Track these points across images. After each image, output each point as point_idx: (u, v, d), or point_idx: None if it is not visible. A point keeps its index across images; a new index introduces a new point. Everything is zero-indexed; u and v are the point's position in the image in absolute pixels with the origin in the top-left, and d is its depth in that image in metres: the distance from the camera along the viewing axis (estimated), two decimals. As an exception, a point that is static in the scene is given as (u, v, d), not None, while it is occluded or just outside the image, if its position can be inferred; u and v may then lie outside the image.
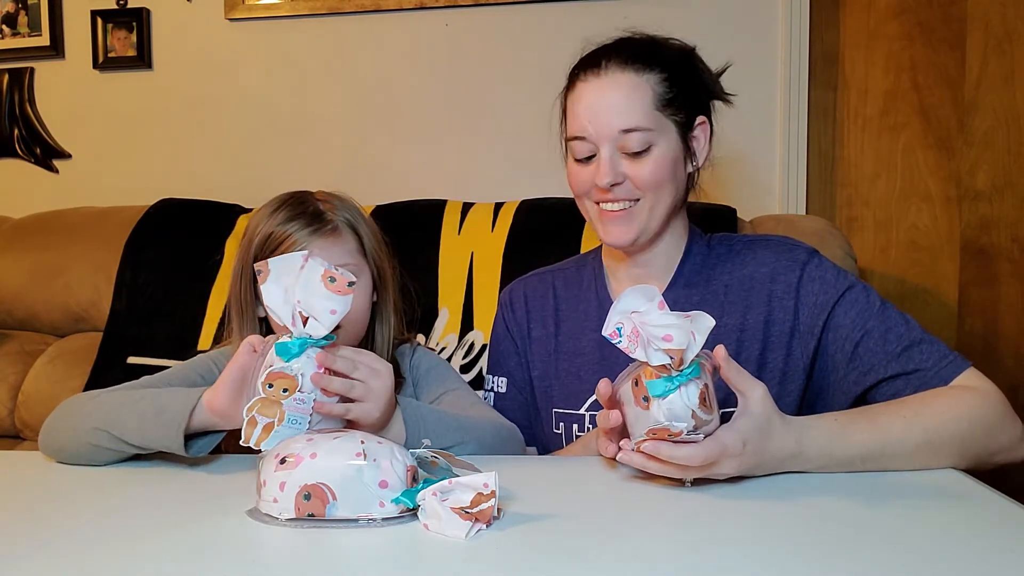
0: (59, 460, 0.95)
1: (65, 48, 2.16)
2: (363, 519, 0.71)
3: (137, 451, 0.91)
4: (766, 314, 1.04)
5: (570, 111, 1.05)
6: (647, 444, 0.76)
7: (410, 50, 2.01)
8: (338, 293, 0.81)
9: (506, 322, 1.20)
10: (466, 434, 0.96)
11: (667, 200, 1.04)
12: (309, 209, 1.04)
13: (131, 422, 0.89)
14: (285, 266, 0.82)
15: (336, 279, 0.81)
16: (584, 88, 1.03)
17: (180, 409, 0.86)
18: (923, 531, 0.68)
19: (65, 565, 0.64)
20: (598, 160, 1.02)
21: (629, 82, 1.01)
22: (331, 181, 2.00)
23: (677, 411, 0.74)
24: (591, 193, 1.05)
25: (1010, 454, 0.90)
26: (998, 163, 1.91)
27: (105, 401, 0.93)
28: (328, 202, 1.07)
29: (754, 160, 1.90)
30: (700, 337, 0.75)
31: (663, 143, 1.01)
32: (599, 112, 1.01)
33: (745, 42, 1.87)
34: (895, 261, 1.97)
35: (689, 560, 0.63)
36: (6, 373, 1.72)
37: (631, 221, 1.03)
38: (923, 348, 0.95)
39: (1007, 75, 1.89)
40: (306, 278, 0.81)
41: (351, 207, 1.10)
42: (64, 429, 0.94)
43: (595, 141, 1.01)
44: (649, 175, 1.01)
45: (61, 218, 1.87)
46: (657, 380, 0.75)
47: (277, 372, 0.81)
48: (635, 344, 0.76)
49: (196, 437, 0.89)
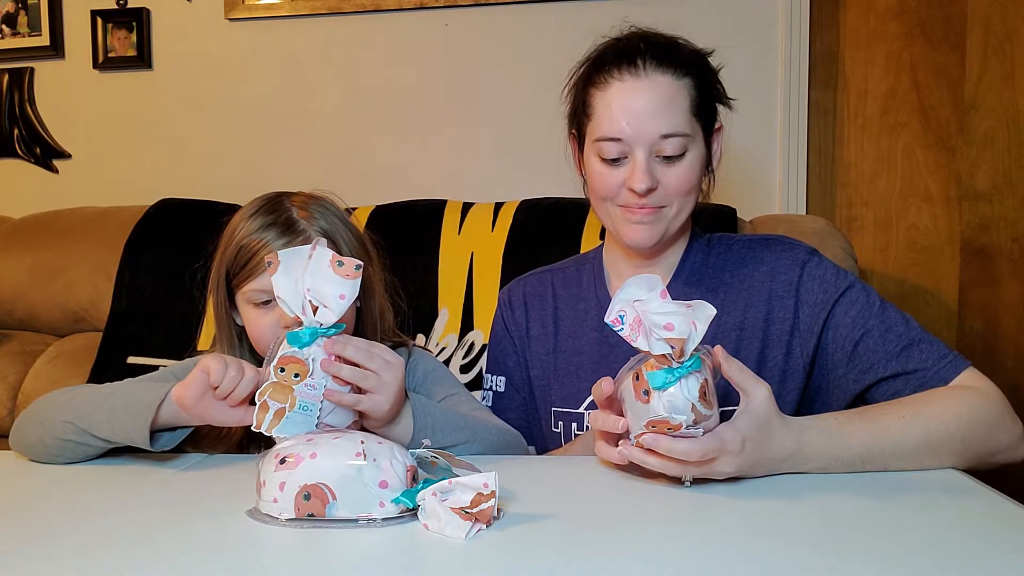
0: (29, 457, 0.95)
1: (65, 48, 2.16)
2: (363, 519, 0.71)
3: (104, 446, 0.90)
4: (766, 313, 1.04)
5: (600, 109, 1.01)
6: (646, 437, 0.76)
7: (410, 50, 2.01)
8: (346, 277, 0.81)
9: (505, 322, 1.20)
10: (473, 434, 0.96)
11: (691, 205, 1.04)
12: (282, 217, 1.01)
13: (99, 414, 0.88)
14: (294, 256, 0.83)
15: (344, 263, 0.82)
16: (621, 88, 0.99)
17: (149, 402, 0.87)
18: (923, 531, 0.67)
19: (65, 565, 0.64)
20: (632, 164, 0.99)
21: (669, 86, 0.98)
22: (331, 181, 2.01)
23: (677, 404, 0.74)
24: (619, 196, 1.02)
25: (1010, 454, 0.90)
26: (998, 163, 1.91)
27: (76, 395, 0.93)
28: (305, 208, 1.03)
29: (754, 160, 1.90)
30: (701, 326, 0.75)
31: (694, 149, 1.01)
32: (639, 115, 0.97)
33: (745, 42, 1.87)
34: (895, 261, 1.97)
35: (689, 560, 0.63)
36: (6, 373, 1.72)
37: (657, 223, 1.02)
38: (922, 347, 0.95)
39: (1007, 75, 1.89)
40: (315, 265, 0.81)
41: (330, 212, 1.06)
42: (33, 425, 0.93)
43: (629, 142, 0.99)
44: (683, 181, 1.00)
45: (61, 218, 1.87)
46: (657, 372, 0.75)
47: (289, 356, 0.82)
48: (636, 332, 0.76)
49: (164, 432, 0.90)
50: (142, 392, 0.89)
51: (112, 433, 0.88)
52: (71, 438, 0.90)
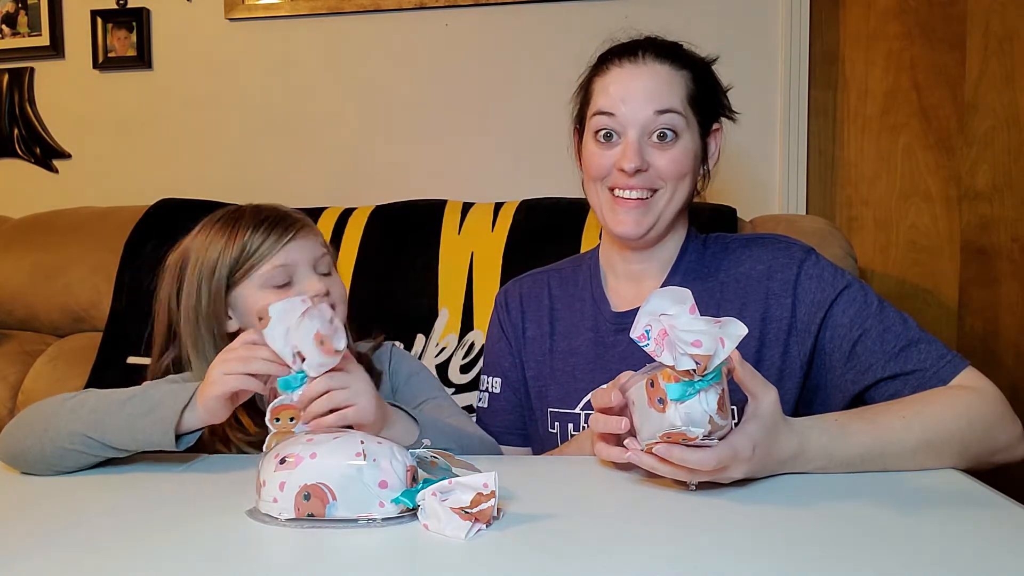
0: (15, 467, 0.93)
1: (65, 48, 2.16)
2: (363, 519, 0.71)
3: (112, 455, 0.90)
4: (763, 312, 1.04)
5: (598, 90, 1.05)
6: (659, 447, 0.75)
7: (410, 50, 2.01)
8: (327, 355, 0.84)
9: (501, 323, 1.20)
10: (456, 443, 0.96)
11: (683, 195, 1.05)
12: (271, 216, 1.04)
13: (116, 422, 0.88)
14: (285, 311, 0.85)
15: (324, 342, 0.84)
16: (619, 71, 1.03)
17: (173, 406, 0.88)
18: (923, 531, 0.67)
19: (65, 565, 0.64)
20: (624, 144, 1.02)
21: (666, 72, 1.03)
22: (331, 181, 2.03)
23: (695, 416, 0.72)
24: (609, 177, 1.04)
25: (1010, 453, 0.90)
26: (998, 163, 1.91)
27: (81, 404, 0.91)
28: (277, 208, 1.07)
29: (754, 160, 1.90)
30: (729, 344, 0.71)
31: (688, 136, 1.03)
32: (635, 93, 1.01)
33: (745, 42, 1.87)
34: (895, 261, 1.97)
35: (689, 560, 0.63)
36: (6, 373, 1.72)
37: (646, 212, 1.03)
38: (921, 347, 0.95)
39: (1007, 75, 1.89)
40: (303, 333, 0.84)
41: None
42: (31, 433, 0.91)
43: (623, 121, 1.01)
44: (674, 164, 1.02)
45: (61, 218, 1.87)
46: (676, 384, 0.72)
47: (279, 406, 0.85)
48: (661, 347, 0.73)
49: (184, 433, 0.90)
50: (162, 396, 0.90)
51: (132, 440, 0.88)
52: (76, 447, 0.89)
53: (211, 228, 1.06)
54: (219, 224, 1.06)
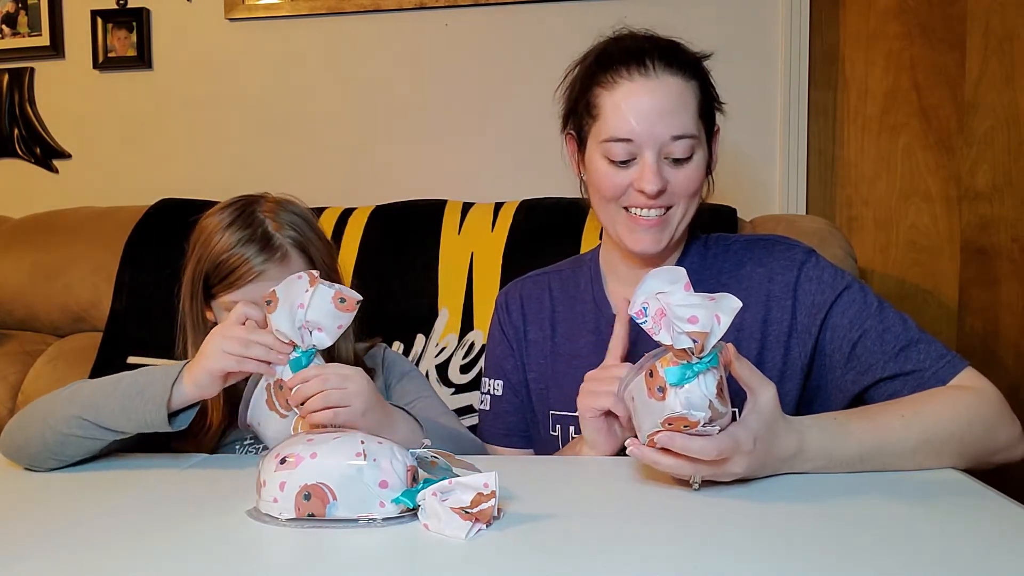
0: (19, 461, 0.94)
1: (65, 48, 2.16)
2: (363, 519, 0.71)
3: (109, 438, 0.91)
4: (764, 313, 1.04)
5: (609, 109, 0.99)
6: (661, 435, 0.74)
7: (410, 50, 2.01)
8: (346, 311, 0.86)
9: (502, 325, 1.20)
10: (454, 444, 0.96)
11: (695, 207, 1.04)
12: (259, 232, 1.04)
13: (110, 403, 0.90)
14: (290, 288, 0.86)
15: (346, 299, 0.86)
16: (630, 86, 0.98)
17: (162, 383, 0.89)
18: (923, 531, 0.68)
19: (64, 565, 0.64)
20: (642, 165, 0.99)
21: (679, 87, 0.98)
22: (331, 180, 2.03)
23: (695, 400, 0.72)
24: (625, 198, 1.02)
25: (1009, 453, 0.90)
26: (998, 163, 1.91)
27: (78, 391, 0.94)
28: (276, 219, 1.06)
29: (754, 160, 1.90)
30: (725, 319, 0.73)
31: (701, 151, 1.01)
32: (649, 115, 0.97)
33: (745, 42, 1.87)
34: (895, 261, 1.97)
35: (689, 560, 0.63)
36: (6, 373, 1.72)
37: (664, 229, 1.02)
38: (921, 348, 0.95)
39: (1007, 75, 1.89)
40: (317, 302, 0.84)
41: (299, 219, 1.08)
42: (31, 423, 0.93)
43: (640, 143, 0.98)
44: (689, 183, 1.00)
45: (61, 218, 1.86)
46: (675, 368, 0.73)
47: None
48: (659, 325, 0.74)
49: (178, 413, 0.91)
50: (151, 376, 0.91)
51: (126, 421, 0.89)
52: (75, 432, 0.90)
53: (216, 219, 1.08)
54: (219, 213, 1.08)
